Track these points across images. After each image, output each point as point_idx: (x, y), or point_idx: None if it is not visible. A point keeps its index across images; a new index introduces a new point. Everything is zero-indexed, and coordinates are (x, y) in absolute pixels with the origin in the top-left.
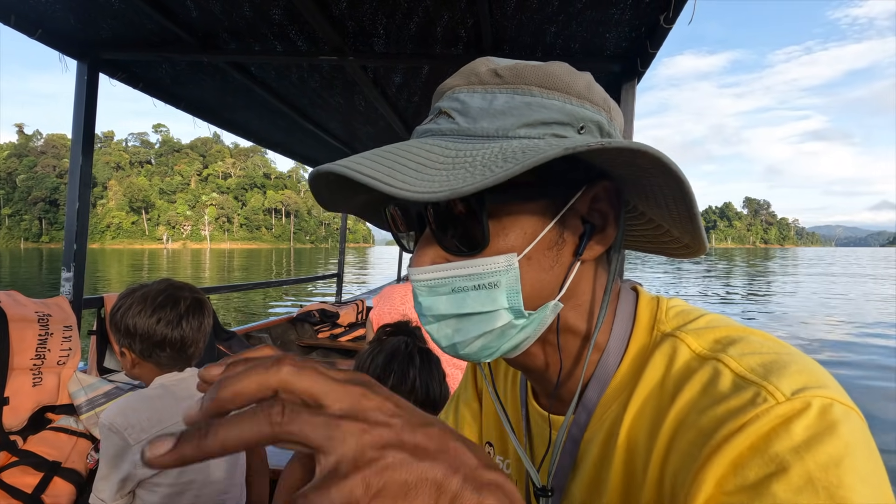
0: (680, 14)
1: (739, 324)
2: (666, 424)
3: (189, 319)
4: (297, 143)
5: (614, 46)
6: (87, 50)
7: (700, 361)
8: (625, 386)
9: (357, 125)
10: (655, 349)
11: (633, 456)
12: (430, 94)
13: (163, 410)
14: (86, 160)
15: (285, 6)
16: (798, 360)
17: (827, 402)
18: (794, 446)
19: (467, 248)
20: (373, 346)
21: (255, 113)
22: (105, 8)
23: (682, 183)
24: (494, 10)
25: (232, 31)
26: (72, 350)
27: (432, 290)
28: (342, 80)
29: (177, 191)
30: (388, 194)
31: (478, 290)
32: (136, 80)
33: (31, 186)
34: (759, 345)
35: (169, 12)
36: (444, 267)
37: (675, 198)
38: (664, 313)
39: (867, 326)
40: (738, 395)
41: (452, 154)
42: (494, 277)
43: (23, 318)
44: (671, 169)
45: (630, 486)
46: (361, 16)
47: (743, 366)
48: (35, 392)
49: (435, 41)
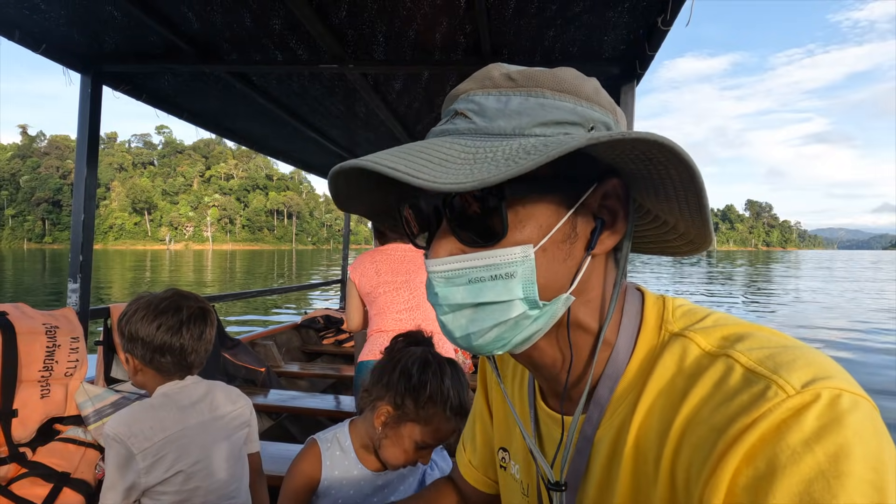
0: (677, 16)
1: (746, 321)
2: (677, 421)
3: (190, 327)
4: (298, 151)
5: (612, 49)
6: (91, 63)
7: (710, 358)
8: (634, 384)
9: (358, 131)
10: (664, 348)
11: (645, 452)
12: (431, 99)
13: (165, 419)
14: (90, 172)
15: (285, 16)
16: (806, 353)
17: (836, 392)
18: (804, 438)
19: (485, 240)
20: (391, 355)
21: (256, 121)
22: (108, 22)
23: (694, 173)
24: (493, 16)
25: (233, 41)
26: (79, 361)
27: (449, 280)
28: (343, 88)
29: (179, 192)
30: (419, 186)
31: (494, 280)
32: (139, 91)
33: (34, 187)
34: (767, 339)
35: (171, 24)
36: (462, 258)
37: (687, 189)
38: (671, 313)
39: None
40: (748, 390)
41: (473, 150)
42: (511, 268)
43: (31, 331)
44: (684, 159)
45: (642, 483)
46: (361, 24)
47: (752, 360)
48: (43, 404)
49: (434, 47)
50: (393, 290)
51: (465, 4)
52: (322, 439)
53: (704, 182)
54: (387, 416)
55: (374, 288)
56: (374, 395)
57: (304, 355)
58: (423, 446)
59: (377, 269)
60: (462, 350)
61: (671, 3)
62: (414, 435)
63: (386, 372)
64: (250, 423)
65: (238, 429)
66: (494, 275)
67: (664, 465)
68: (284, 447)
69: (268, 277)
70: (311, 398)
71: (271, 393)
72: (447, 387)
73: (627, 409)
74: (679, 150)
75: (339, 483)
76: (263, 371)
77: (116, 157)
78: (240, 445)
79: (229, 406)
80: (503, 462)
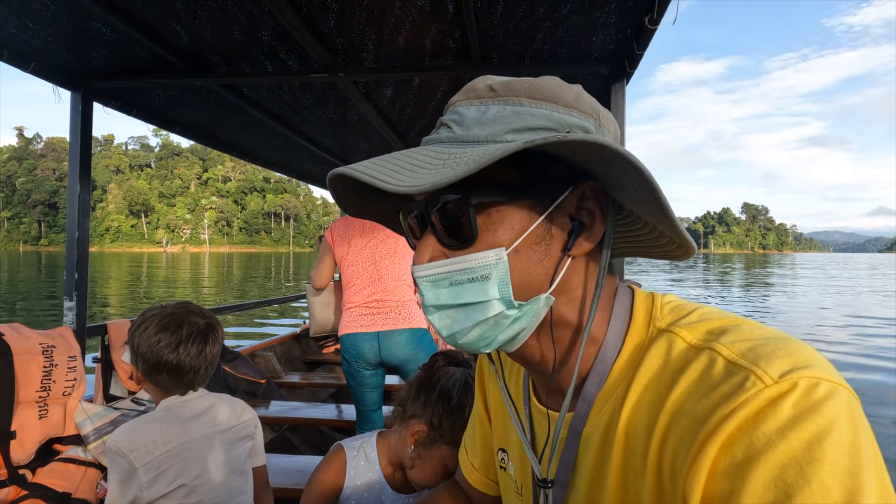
0: (664, 15)
1: (731, 314)
2: (663, 413)
3: (188, 345)
4: (293, 161)
5: (601, 49)
6: (81, 80)
7: (695, 352)
8: (622, 379)
9: (351, 139)
10: (651, 344)
11: (633, 446)
12: (422, 105)
13: (168, 432)
14: (83, 188)
15: (274, 28)
16: (787, 344)
17: (813, 381)
18: (779, 426)
19: (460, 243)
20: (431, 373)
21: (249, 133)
22: (96, 39)
23: (642, 172)
24: (481, 21)
25: (222, 54)
26: (77, 380)
27: (434, 284)
28: (334, 96)
29: (176, 194)
30: (385, 189)
31: (472, 282)
32: (130, 106)
33: (30, 189)
34: (750, 332)
35: (160, 39)
36: (442, 263)
37: (643, 188)
38: (659, 310)
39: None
40: (729, 381)
41: (444, 157)
42: (486, 270)
43: (27, 351)
44: (626, 158)
45: (630, 476)
46: (350, 32)
47: (734, 352)
48: (42, 424)
49: (424, 54)
50: (358, 263)
51: (454, 10)
52: (349, 447)
53: (655, 180)
54: (421, 436)
55: (343, 257)
56: (411, 412)
57: (304, 365)
58: (453, 471)
59: (349, 237)
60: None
61: (657, 2)
62: (445, 457)
63: (424, 390)
64: (254, 435)
65: (242, 442)
66: (472, 277)
67: (651, 457)
68: (287, 459)
69: (265, 286)
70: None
71: (273, 404)
72: None
73: (615, 405)
74: (617, 149)
75: (359, 494)
76: (264, 383)
77: (113, 159)
78: (244, 458)
79: (233, 419)
80: (503, 463)
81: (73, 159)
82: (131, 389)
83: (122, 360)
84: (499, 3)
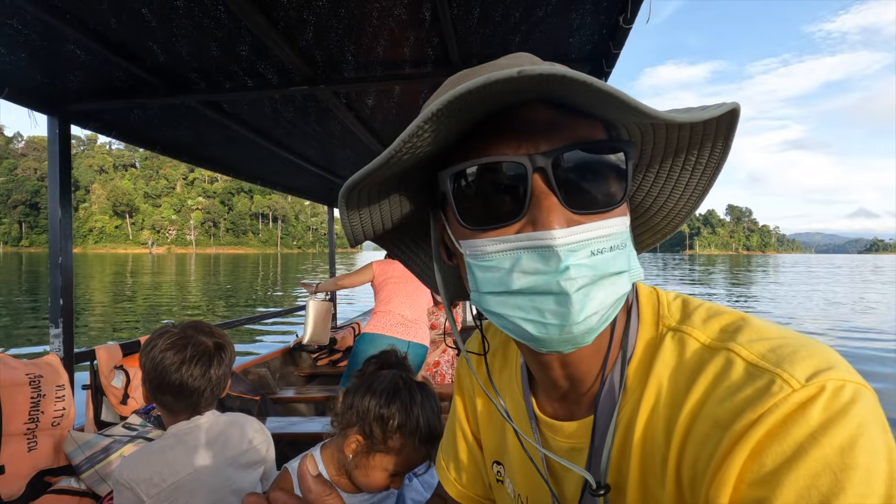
0: (637, 14)
1: (737, 311)
2: (682, 417)
3: (191, 365)
4: (276, 174)
5: (579, 50)
6: (57, 104)
7: (710, 352)
8: (637, 382)
9: (335, 150)
10: (662, 344)
11: (652, 452)
12: (404, 112)
13: (175, 462)
14: (64, 212)
15: (252, 42)
16: (806, 344)
17: (839, 383)
18: (810, 432)
19: (603, 206)
20: (362, 381)
21: (231, 148)
22: (70, 61)
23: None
24: (458, 27)
25: (201, 71)
26: (65, 409)
27: (575, 252)
28: (316, 108)
29: (162, 195)
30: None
31: (613, 251)
32: (110, 127)
33: (11, 189)
34: (765, 330)
35: (136, 59)
36: (587, 227)
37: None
38: (666, 307)
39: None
40: (753, 385)
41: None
42: (623, 238)
43: (14, 383)
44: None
45: (650, 483)
46: (329, 44)
47: (754, 353)
48: (31, 457)
49: (404, 62)
50: (401, 283)
51: (431, 18)
52: (293, 468)
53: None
54: (357, 445)
55: (384, 280)
56: (345, 422)
57: (299, 379)
58: (395, 474)
59: (393, 269)
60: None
61: (631, 1)
62: (384, 464)
63: (357, 397)
64: (266, 459)
65: (252, 468)
66: (612, 245)
67: (671, 464)
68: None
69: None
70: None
71: (268, 421)
72: (416, 416)
73: (632, 408)
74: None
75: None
76: (259, 399)
77: (97, 158)
78: (254, 484)
79: (244, 443)
80: (499, 476)
81: (52, 183)
82: (122, 415)
83: (112, 385)
84: (475, 8)
